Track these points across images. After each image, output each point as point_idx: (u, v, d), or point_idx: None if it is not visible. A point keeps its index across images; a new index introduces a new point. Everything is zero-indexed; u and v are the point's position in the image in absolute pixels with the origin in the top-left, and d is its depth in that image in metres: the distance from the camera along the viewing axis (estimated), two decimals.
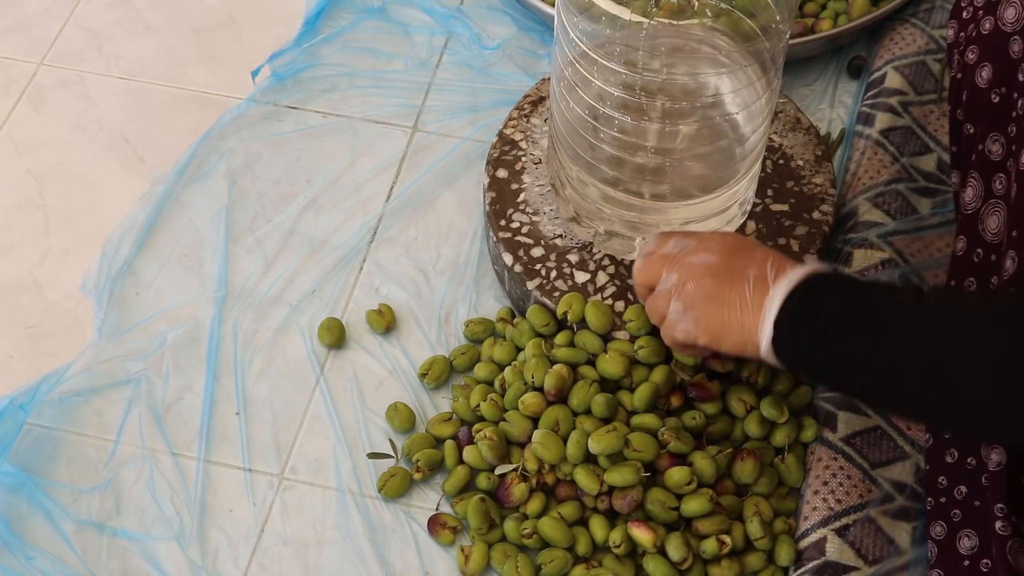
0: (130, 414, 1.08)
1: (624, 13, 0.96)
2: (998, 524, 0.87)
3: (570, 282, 1.09)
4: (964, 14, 0.98)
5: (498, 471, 1.01)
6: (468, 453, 1.02)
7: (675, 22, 0.99)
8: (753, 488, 1.00)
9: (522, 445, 1.02)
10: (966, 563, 0.91)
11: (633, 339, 1.05)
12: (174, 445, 1.06)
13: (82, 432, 1.07)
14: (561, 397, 1.01)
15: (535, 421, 1.02)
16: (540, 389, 1.02)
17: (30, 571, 0.98)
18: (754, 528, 0.97)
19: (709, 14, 0.99)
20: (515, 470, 1.01)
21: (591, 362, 1.05)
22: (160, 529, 1.02)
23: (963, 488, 0.94)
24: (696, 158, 1.03)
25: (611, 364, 1.02)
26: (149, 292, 1.16)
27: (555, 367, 1.02)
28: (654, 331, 1.02)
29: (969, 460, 0.95)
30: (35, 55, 1.35)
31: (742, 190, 1.07)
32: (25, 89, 1.32)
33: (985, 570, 0.90)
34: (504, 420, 1.02)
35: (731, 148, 1.03)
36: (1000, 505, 0.87)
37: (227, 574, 1.00)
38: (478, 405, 1.04)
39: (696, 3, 0.99)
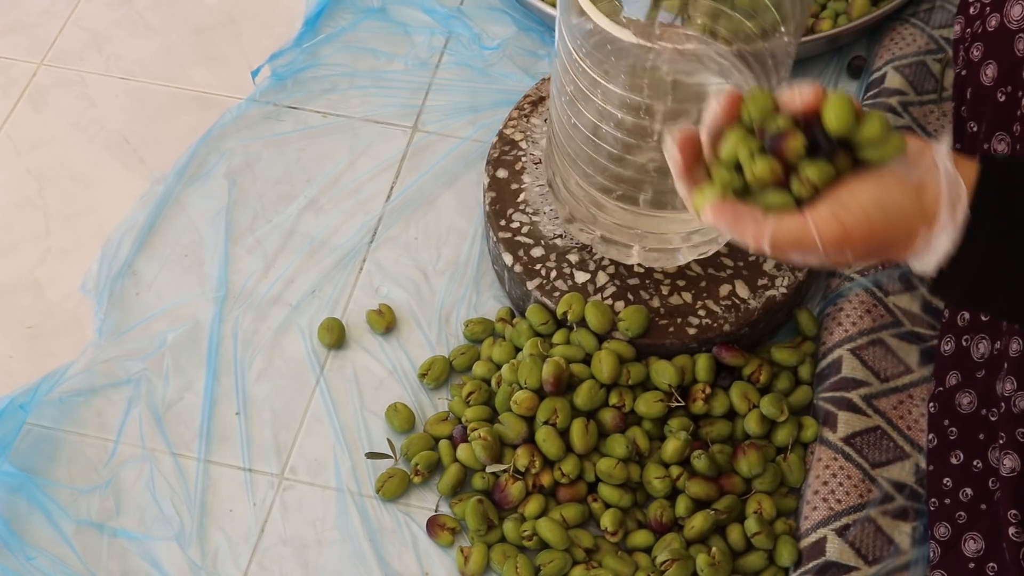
0: (130, 414, 1.08)
1: (627, 36, 0.92)
2: (1011, 530, 0.86)
3: (570, 282, 1.09)
4: (971, 10, 0.98)
5: (489, 470, 1.01)
6: (462, 451, 1.02)
7: (679, 46, 0.96)
8: (757, 483, 1.00)
9: (516, 447, 1.02)
10: (971, 565, 0.91)
11: (627, 340, 1.05)
12: (174, 445, 1.06)
13: (82, 432, 1.07)
14: (559, 388, 1.02)
15: (530, 422, 1.02)
16: (534, 389, 1.02)
17: (30, 571, 0.98)
18: (751, 524, 0.97)
19: (708, 21, 0.98)
20: (506, 470, 1.01)
21: (586, 361, 1.05)
22: (160, 529, 1.02)
23: (968, 491, 0.94)
24: None
25: (604, 363, 1.02)
26: (149, 292, 1.16)
27: (553, 358, 1.02)
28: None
29: (975, 463, 0.94)
30: (35, 55, 1.35)
31: None
32: (25, 89, 1.32)
33: (991, 574, 0.89)
34: (499, 422, 1.02)
35: None
36: (1014, 511, 0.87)
37: (227, 574, 1.00)
38: (471, 394, 1.04)
39: (699, 18, 0.98)
